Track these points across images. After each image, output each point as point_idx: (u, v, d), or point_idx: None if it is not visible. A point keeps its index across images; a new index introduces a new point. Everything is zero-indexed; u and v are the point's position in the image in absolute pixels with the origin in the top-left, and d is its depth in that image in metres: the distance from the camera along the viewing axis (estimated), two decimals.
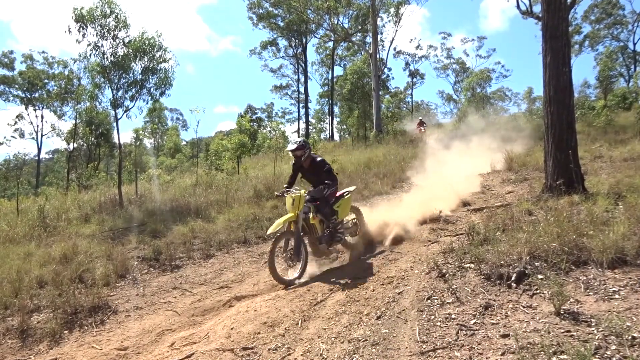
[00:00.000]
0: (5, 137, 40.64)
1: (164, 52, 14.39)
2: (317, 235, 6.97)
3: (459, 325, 3.85)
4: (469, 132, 19.17)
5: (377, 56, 31.35)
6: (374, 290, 5.13)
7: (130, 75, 14.23)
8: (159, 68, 14.44)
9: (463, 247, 5.42)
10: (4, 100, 42.04)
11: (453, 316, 4.03)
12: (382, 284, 5.24)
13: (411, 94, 56.44)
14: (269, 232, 6.85)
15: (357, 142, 30.28)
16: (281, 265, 6.61)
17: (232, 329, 5.22)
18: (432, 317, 4.11)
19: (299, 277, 6.61)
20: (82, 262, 8.11)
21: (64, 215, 11.89)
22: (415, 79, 55.16)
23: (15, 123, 40.79)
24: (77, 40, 13.64)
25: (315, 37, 46.15)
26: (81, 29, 13.55)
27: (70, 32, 13.55)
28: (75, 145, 29.75)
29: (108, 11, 13.53)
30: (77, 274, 7.64)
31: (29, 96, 41.74)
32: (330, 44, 46.95)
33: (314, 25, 40.05)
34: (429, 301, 4.41)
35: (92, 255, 8.54)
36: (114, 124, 21.64)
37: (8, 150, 55.24)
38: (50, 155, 49.68)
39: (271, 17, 42.57)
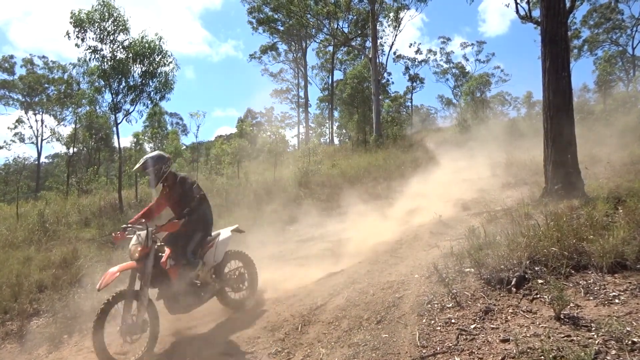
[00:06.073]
0: (5, 141, 40.82)
1: (164, 56, 14.42)
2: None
3: (459, 330, 3.85)
4: (469, 136, 19.21)
5: (377, 60, 31.44)
6: (374, 295, 5.12)
7: (130, 79, 14.27)
8: (158, 72, 14.47)
9: (463, 252, 5.42)
10: (4, 105, 42.27)
11: (453, 321, 4.03)
12: (382, 289, 5.23)
13: (411, 99, 56.65)
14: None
15: (357, 146, 30.30)
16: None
17: (232, 333, 5.23)
18: (432, 321, 4.11)
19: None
20: (82, 266, 8.12)
21: (63, 220, 11.90)
22: (415, 84, 55.38)
23: (15, 127, 40.96)
24: (76, 45, 13.69)
25: (315, 41, 46.10)
26: (80, 32, 13.59)
27: (69, 36, 13.60)
28: (75, 149, 29.77)
29: (107, 14, 13.57)
30: (77, 278, 7.66)
31: (29, 100, 41.90)
32: (330, 48, 46.98)
33: (313, 30, 40.04)
34: (429, 305, 4.41)
35: (92, 260, 8.54)
36: (114, 128, 21.73)
37: (8, 155, 55.29)
38: (50, 160, 49.72)
39: (271, 22, 42.56)
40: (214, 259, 5.91)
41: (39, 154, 42.90)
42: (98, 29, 13.65)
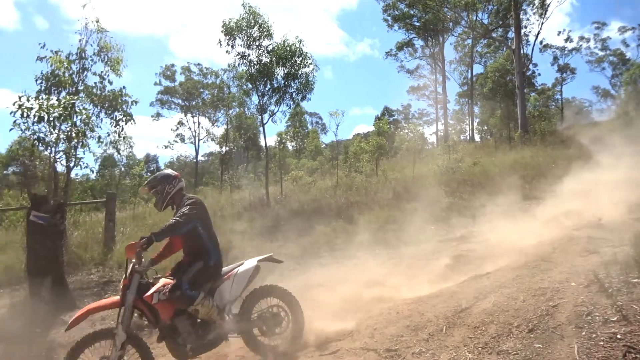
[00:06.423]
0: (169, 142, 46.15)
1: (304, 58, 15.10)
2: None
3: (627, 347, 3.51)
4: (632, 131, 17.21)
5: (521, 52, 29.48)
6: (524, 301, 4.86)
7: (274, 81, 15.20)
8: (299, 73, 15.19)
9: (629, 260, 4.89)
10: (167, 109, 47.48)
11: (619, 336, 3.68)
12: (534, 295, 4.93)
13: (560, 91, 52.12)
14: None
15: (501, 143, 28.81)
16: None
17: (375, 329, 5.33)
18: (594, 335, 3.79)
19: None
20: (236, 256, 8.87)
21: (219, 212, 13.07)
22: (564, 75, 50.79)
23: (177, 129, 46.11)
24: (227, 52, 14.99)
25: (453, 35, 44.68)
26: (230, 40, 14.85)
27: (220, 44, 14.95)
28: (227, 148, 32.43)
29: (253, 22, 14.62)
30: None
31: (187, 104, 46.64)
32: (469, 41, 45.16)
33: (451, 23, 38.85)
34: (589, 317, 4.07)
35: (245, 250, 9.27)
36: (261, 128, 23.31)
37: (172, 154, 62.42)
38: (206, 158, 54.87)
39: (406, 18, 42.12)
40: (230, 293, 5.03)
41: (197, 152, 47.65)
42: (245, 36, 14.79)
